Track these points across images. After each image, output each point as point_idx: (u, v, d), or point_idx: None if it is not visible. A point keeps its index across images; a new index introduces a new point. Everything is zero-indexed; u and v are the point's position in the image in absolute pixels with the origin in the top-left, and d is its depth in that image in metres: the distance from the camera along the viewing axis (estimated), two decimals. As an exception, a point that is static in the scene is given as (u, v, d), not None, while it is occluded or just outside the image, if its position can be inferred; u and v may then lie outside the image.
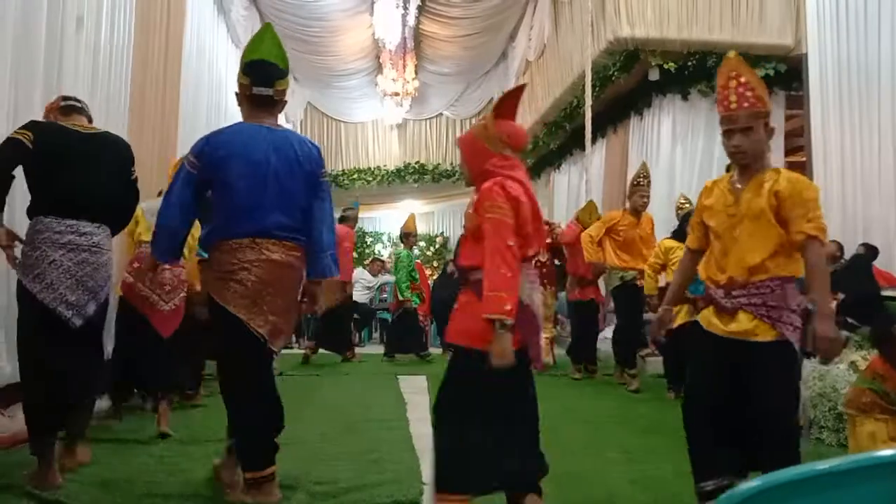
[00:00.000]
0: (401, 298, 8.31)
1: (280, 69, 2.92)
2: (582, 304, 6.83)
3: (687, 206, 5.77)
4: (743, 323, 2.41)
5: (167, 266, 3.67)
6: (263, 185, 2.77)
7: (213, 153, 2.81)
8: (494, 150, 2.43)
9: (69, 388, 2.99)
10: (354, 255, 15.60)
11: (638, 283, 5.90)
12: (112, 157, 3.18)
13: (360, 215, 16.28)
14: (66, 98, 3.32)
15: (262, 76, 2.87)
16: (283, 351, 6.05)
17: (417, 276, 8.71)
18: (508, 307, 2.18)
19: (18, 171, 3.03)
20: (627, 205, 6.26)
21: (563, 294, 7.83)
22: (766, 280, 2.39)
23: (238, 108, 3.05)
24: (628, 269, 6.06)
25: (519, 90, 2.61)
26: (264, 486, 2.69)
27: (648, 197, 6.16)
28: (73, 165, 3.02)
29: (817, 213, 2.37)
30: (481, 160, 2.44)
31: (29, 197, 3.11)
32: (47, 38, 4.16)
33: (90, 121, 3.30)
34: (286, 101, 3.02)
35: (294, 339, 9.15)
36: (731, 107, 2.47)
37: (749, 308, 2.40)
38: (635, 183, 6.20)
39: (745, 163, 2.47)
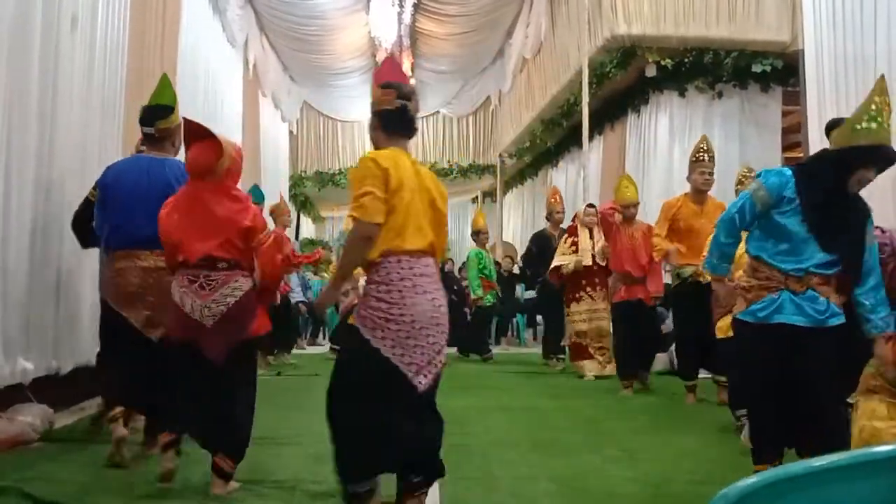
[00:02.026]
0: (472, 297, 8.12)
1: (166, 109, 3.48)
2: (628, 306, 5.83)
3: (748, 180, 4.69)
4: None
5: None
6: (134, 207, 3.33)
7: (102, 182, 3.49)
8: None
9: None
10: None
11: (701, 279, 4.75)
12: None
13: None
14: (144, 140, 3.69)
15: (147, 118, 3.47)
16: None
17: (492, 274, 8.35)
18: None
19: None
20: (688, 187, 5.31)
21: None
22: None
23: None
24: (686, 264, 5.06)
25: (187, 124, 3.03)
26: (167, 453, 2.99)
27: (712, 175, 5.16)
28: None
29: (356, 193, 2.36)
30: None
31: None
32: (42, 37, 4.13)
33: None
34: (172, 135, 3.49)
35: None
36: None
37: None
38: (695, 159, 5.18)
39: None
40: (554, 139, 11.36)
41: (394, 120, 2.55)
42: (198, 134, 2.98)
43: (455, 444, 3.72)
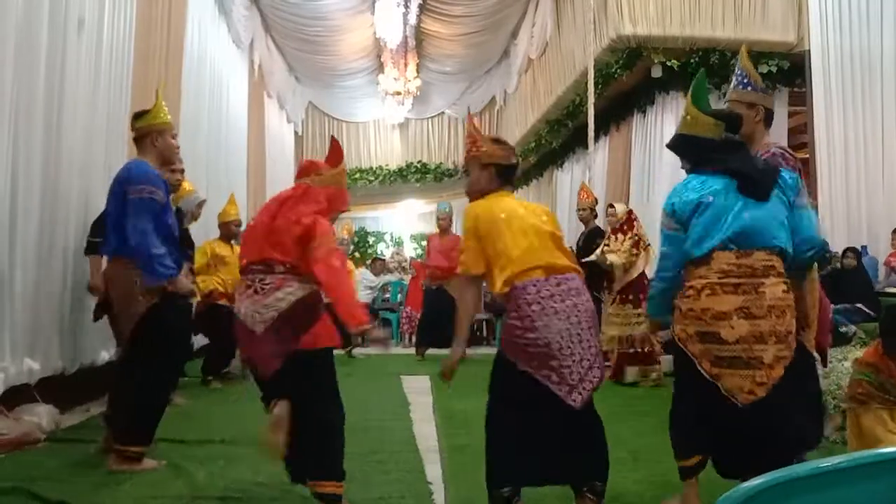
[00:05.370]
0: None
1: (145, 111, 3.59)
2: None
3: None
4: None
5: None
6: (106, 215, 3.53)
7: None
8: None
9: None
10: (357, 255, 15.70)
11: None
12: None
13: (362, 215, 16.43)
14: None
15: (131, 122, 3.65)
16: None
17: None
18: None
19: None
20: None
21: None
22: None
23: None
24: None
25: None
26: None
27: None
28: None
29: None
30: None
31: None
32: (49, 40, 4.16)
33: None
34: (145, 135, 3.55)
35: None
36: None
37: None
38: None
39: None
40: (559, 140, 11.34)
41: (506, 172, 2.78)
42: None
43: (461, 445, 3.73)
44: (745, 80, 3.05)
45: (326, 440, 2.63)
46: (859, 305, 5.67)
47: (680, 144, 2.79)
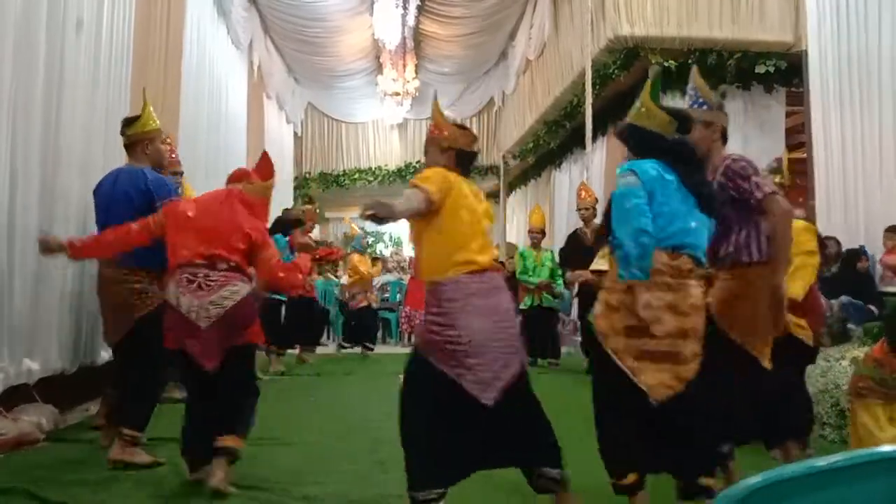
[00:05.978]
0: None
1: (133, 117, 3.72)
2: None
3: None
4: None
5: None
6: (105, 218, 3.54)
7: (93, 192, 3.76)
8: None
9: None
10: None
11: None
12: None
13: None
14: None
15: (121, 128, 3.74)
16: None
17: (532, 274, 7.73)
18: None
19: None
20: None
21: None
22: None
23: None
24: None
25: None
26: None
27: None
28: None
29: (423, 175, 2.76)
30: None
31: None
32: (47, 40, 4.16)
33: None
34: (141, 141, 3.67)
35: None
36: None
37: None
38: None
39: None
40: (557, 140, 11.35)
41: (466, 159, 2.77)
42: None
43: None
44: (700, 100, 3.09)
45: (247, 408, 2.94)
46: (870, 306, 5.70)
47: (630, 134, 2.81)
